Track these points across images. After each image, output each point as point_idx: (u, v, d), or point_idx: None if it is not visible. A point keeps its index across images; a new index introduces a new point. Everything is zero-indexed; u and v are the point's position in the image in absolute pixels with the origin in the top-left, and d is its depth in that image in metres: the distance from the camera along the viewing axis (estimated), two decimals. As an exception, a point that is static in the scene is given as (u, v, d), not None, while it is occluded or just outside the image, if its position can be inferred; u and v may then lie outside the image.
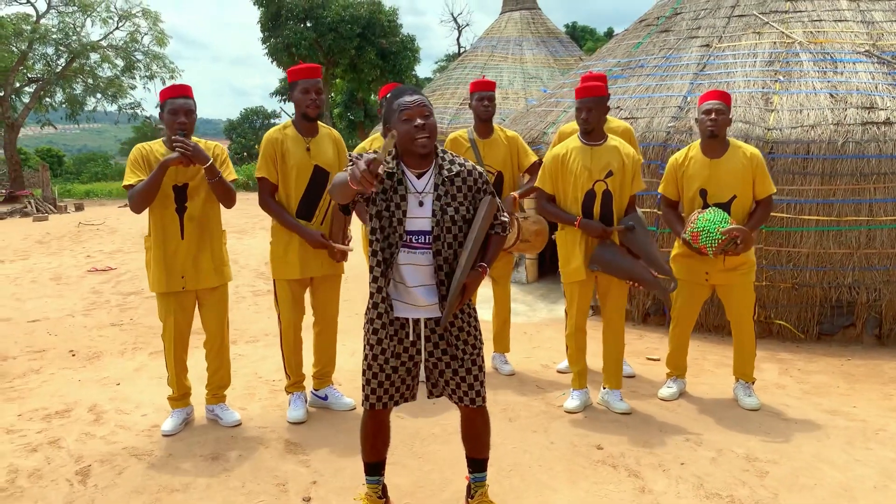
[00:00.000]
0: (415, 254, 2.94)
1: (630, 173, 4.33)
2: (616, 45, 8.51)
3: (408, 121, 2.85)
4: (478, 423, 3.18)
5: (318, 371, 4.68)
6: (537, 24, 17.45)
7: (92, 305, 7.99)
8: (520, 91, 15.45)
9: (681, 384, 4.94)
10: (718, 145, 4.50)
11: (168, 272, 4.16)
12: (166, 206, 4.11)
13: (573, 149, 4.38)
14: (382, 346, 3.01)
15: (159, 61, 25.92)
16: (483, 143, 5.16)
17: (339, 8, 23.83)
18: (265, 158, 4.31)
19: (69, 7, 24.35)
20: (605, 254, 4.28)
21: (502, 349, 5.56)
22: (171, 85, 4.10)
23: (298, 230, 4.27)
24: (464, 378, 3.05)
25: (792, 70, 6.70)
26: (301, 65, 4.32)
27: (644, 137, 6.66)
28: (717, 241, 4.27)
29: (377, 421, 3.15)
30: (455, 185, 2.96)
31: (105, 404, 4.91)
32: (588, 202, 4.32)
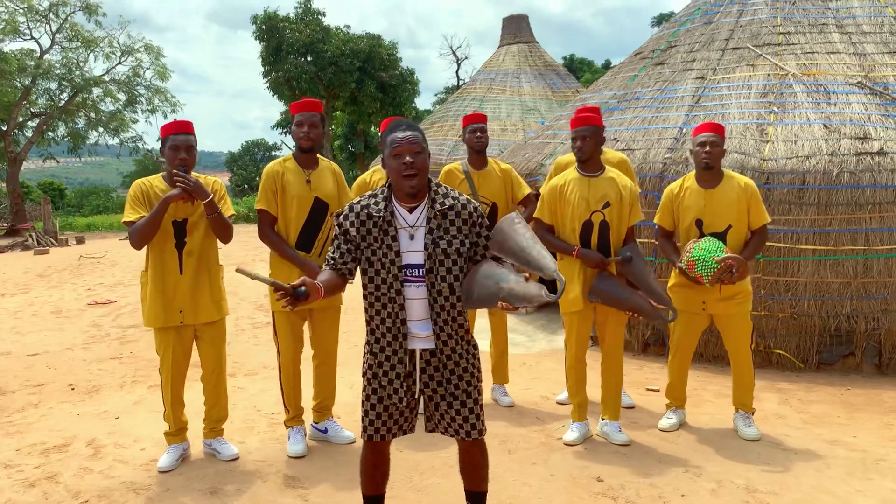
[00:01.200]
0: (409, 287, 2.95)
1: (627, 205, 4.36)
2: (612, 78, 8.62)
3: (397, 157, 2.88)
4: (475, 456, 3.16)
5: (317, 404, 4.67)
6: (535, 56, 17.69)
7: (92, 339, 8.00)
8: (518, 123, 15.62)
9: (681, 415, 4.92)
10: (713, 176, 4.54)
11: (166, 307, 4.16)
12: (165, 241, 4.13)
13: (571, 180, 4.42)
14: (380, 378, 3.02)
15: (161, 95, 26.20)
16: (477, 174, 5.22)
17: (340, 42, 24.15)
18: (265, 190, 4.34)
19: (72, 43, 24.69)
20: (604, 285, 4.29)
21: (501, 380, 5.55)
22: (173, 121, 4.16)
23: (298, 262, 4.29)
24: (458, 411, 3.04)
25: (786, 101, 6.78)
26: (302, 99, 4.41)
27: (640, 168, 6.71)
28: (712, 269, 4.29)
29: (377, 453, 3.15)
30: (448, 218, 2.97)
31: (104, 438, 4.89)
32: (585, 233, 4.35)
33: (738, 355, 4.66)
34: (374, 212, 2.95)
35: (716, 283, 4.37)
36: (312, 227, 4.36)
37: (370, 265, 2.96)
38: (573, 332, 4.53)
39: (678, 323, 4.69)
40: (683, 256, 4.43)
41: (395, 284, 2.93)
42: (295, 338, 4.46)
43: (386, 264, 2.92)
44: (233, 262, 13.09)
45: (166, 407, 4.32)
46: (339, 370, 4.80)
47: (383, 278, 2.94)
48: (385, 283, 2.94)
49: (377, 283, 2.96)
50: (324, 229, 4.41)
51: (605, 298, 4.29)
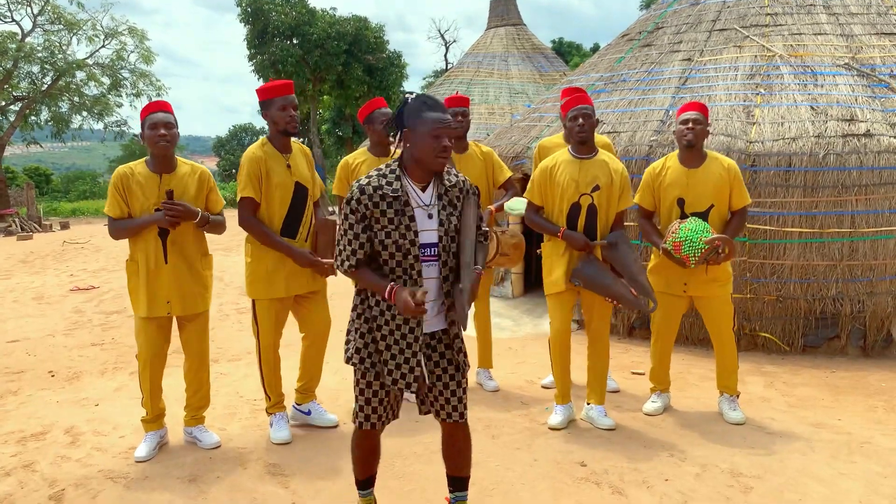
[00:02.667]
0: (425, 265, 2.89)
1: (618, 189, 4.31)
2: (599, 60, 8.54)
3: (438, 138, 2.80)
4: (459, 440, 3.13)
5: (302, 385, 4.62)
6: (523, 39, 17.55)
7: (73, 325, 7.90)
8: (506, 106, 15.51)
9: (665, 398, 4.91)
10: (696, 156, 4.51)
11: (152, 297, 4.10)
12: (148, 231, 4.09)
13: (562, 161, 4.36)
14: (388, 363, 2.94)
15: (146, 79, 25.84)
16: (458, 158, 5.16)
17: (326, 25, 23.86)
18: (250, 177, 4.21)
19: (55, 25, 24.29)
20: (587, 269, 4.25)
21: (486, 364, 5.53)
22: (151, 102, 4.08)
23: (286, 250, 4.22)
24: (454, 392, 3.02)
25: (773, 83, 6.73)
26: (273, 81, 4.26)
27: (627, 151, 6.66)
28: (700, 249, 4.25)
29: (372, 440, 3.13)
30: (454, 194, 2.96)
31: (82, 426, 4.82)
32: (572, 215, 4.31)
33: (720, 337, 4.63)
34: (390, 192, 2.84)
35: (702, 263, 4.33)
36: (296, 213, 4.30)
37: (384, 248, 2.86)
38: (555, 314, 4.48)
39: (659, 306, 4.61)
40: (668, 237, 4.38)
41: (416, 266, 2.85)
42: (277, 325, 4.40)
43: (404, 246, 2.84)
44: (215, 248, 13.00)
45: (144, 393, 4.26)
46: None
47: (399, 261, 2.86)
48: (401, 266, 2.86)
49: (391, 266, 2.87)
50: (306, 214, 4.35)
51: (586, 282, 4.25)
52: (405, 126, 2.84)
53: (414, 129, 2.81)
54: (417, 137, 2.80)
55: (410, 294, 2.71)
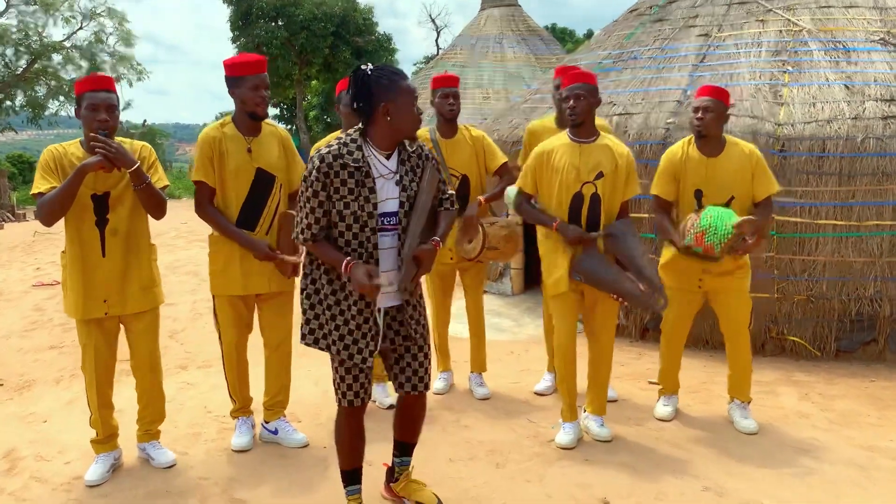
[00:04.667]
0: (385, 236, 2.87)
1: (623, 176, 3.91)
2: (606, 37, 7.89)
3: (416, 106, 2.85)
4: (417, 410, 3.18)
5: (268, 401, 4.17)
6: (518, 21, 16.87)
7: (32, 325, 7.21)
8: (501, 90, 14.86)
9: (675, 401, 4.55)
10: (713, 143, 4.13)
11: (87, 295, 3.58)
12: (84, 218, 3.54)
13: (560, 146, 3.95)
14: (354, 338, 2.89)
15: (126, 62, 24.99)
16: (446, 143, 4.68)
17: (312, 6, 23.03)
18: (202, 159, 3.82)
19: (30, 6, 23.36)
20: (589, 263, 3.84)
21: (478, 368, 5.02)
22: (90, 76, 3.58)
23: (242, 240, 3.81)
24: (420, 364, 3.06)
25: (801, 60, 6.11)
26: (244, 56, 3.86)
27: (640, 135, 6.03)
28: (726, 237, 3.80)
29: (358, 419, 3.05)
30: (413, 161, 2.95)
31: (24, 448, 4.21)
32: (574, 207, 3.89)
33: (735, 337, 4.26)
34: (351, 161, 2.80)
35: (728, 253, 3.91)
36: (255, 202, 3.86)
37: (341, 219, 2.82)
38: (558, 318, 4.04)
39: (671, 303, 4.14)
40: (689, 232, 3.94)
41: (371, 238, 2.82)
42: (239, 324, 4.02)
43: (361, 217, 2.80)
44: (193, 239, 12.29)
45: (92, 410, 3.77)
46: (302, 363, 4.20)
47: (355, 233, 2.82)
48: (357, 239, 2.82)
49: (347, 239, 2.83)
50: (269, 205, 3.89)
51: (588, 278, 3.84)
52: (382, 100, 2.78)
53: (395, 102, 2.78)
54: (400, 109, 2.80)
55: (367, 273, 2.71)
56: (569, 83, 3.92)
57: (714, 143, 4.11)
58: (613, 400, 4.72)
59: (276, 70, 23.06)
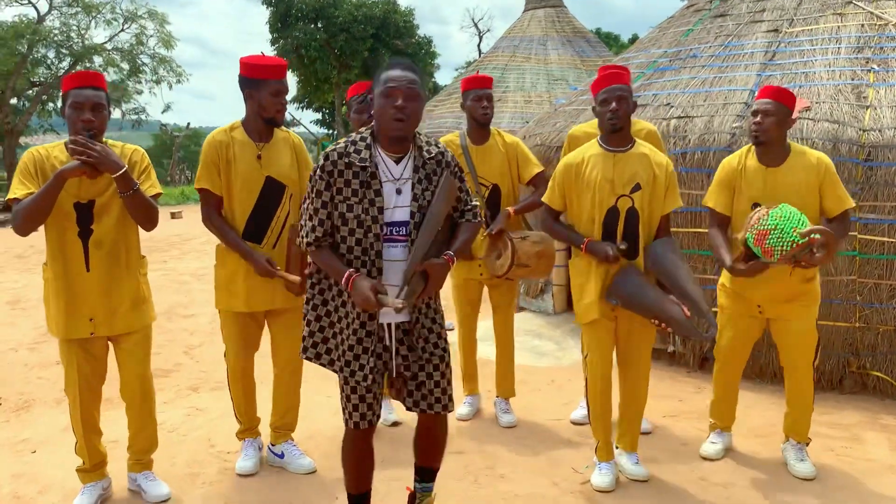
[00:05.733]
0: (394, 248, 2.69)
1: (662, 187, 3.56)
2: (660, 34, 7.25)
3: (390, 98, 2.59)
4: (437, 432, 2.97)
5: (274, 422, 3.96)
6: (563, 22, 16.23)
7: (42, 336, 6.81)
8: (544, 94, 14.26)
9: (727, 439, 4.12)
10: (775, 152, 3.70)
11: (71, 313, 3.29)
12: (66, 228, 3.25)
13: (591, 156, 3.59)
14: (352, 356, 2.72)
15: (166, 65, 24.95)
16: (476, 150, 4.36)
17: (352, 7, 22.71)
18: (207, 165, 3.62)
19: (72, 7, 23.44)
20: (626, 285, 3.46)
21: (505, 393, 4.63)
22: (77, 72, 3.35)
23: (243, 253, 3.59)
24: (437, 383, 2.83)
25: (889, 57, 5.41)
26: (266, 57, 3.61)
27: (703, 140, 5.39)
28: (791, 243, 3.34)
29: (364, 441, 2.88)
30: (431, 167, 2.75)
31: (4, 485, 3.77)
32: (609, 223, 3.54)
33: (796, 372, 3.82)
34: (357, 161, 2.64)
35: (788, 262, 3.45)
36: (264, 213, 3.64)
37: (344, 223, 2.66)
38: (591, 348, 3.68)
39: (727, 328, 3.90)
40: (751, 225, 3.49)
41: (375, 245, 2.65)
42: (245, 341, 3.80)
43: (366, 222, 2.64)
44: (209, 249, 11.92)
45: (77, 436, 3.48)
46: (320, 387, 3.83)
47: (358, 239, 2.65)
48: (360, 246, 2.65)
49: (350, 245, 2.67)
50: (278, 216, 3.67)
51: (626, 302, 3.47)
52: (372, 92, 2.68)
53: (374, 93, 2.65)
54: (375, 101, 2.64)
55: (372, 288, 2.53)
56: (607, 83, 3.54)
57: (775, 151, 3.69)
58: (647, 432, 4.31)
59: (314, 73, 22.85)
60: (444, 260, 2.69)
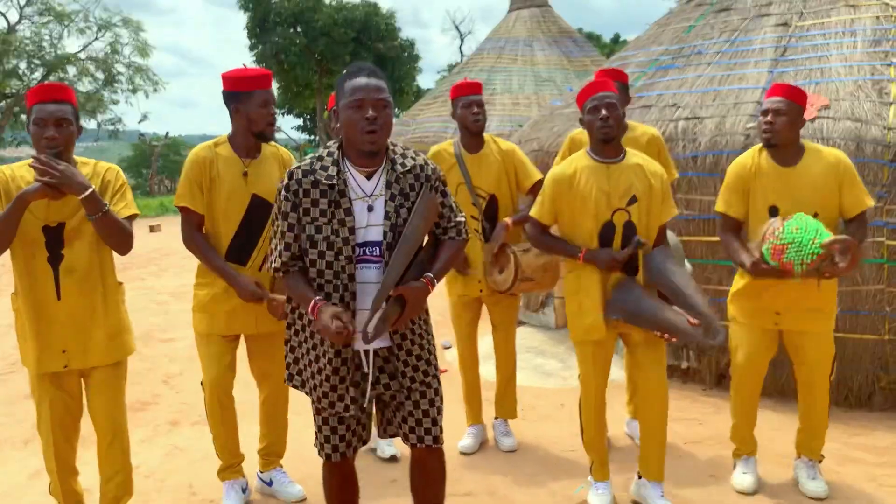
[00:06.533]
0: (368, 269, 2.52)
1: (658, 197, 3.42)
2: (660, 31, 6.92)
3: (359, 108, 2.43)
4: (431, 468, 2.77)
5: (262, 448, 3.81)
6: (548, 22, 15.95)
7: (12, 366, 6.36)
8: (532, 95, 13.95)
9: (753, 465, 3.83)
10: (789, 151, 3.54)
11: (42, 346, 3.04)
12: (34, 254, 3.02)
13: (583, 167, 3.43)
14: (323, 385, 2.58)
15: (142, 73, 24.41)
16: (472, 158, 4.16)
17: (332, 11, 22.33)
18: (188, 183, 3.44)
19: (43, 17, 22.86)
20: (627, 298, 3.32)
21: (505, 413, 4.41)
22: (40, 84, 3.11)
23: (227, 277, 3.41)
24: (411, 413, 2.66)
25: (909, 50, 5.10)
26: (249, 69, 3.46)
27: (714, 143, 5.06)
28: (811, 256, 3.18)
29: (339, 473, 2.77)
30: (408, 181, 2.57)
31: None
32: (605, 237, 3.39)
33: (812, 388, 3.64)
34: (323, 178, 2.49)
35: (811, 275, 3.28)
36: (249, 233, 3.47)
37: (313, 245, 2.51)
38: (589, 368, 3.50)
39: (742, 343, 3.69)
40: (766, 240, 3.34)
41: (347, 268, 2.49)
42: (222, 366, 3.54)
43: (336, 244, 2.48)
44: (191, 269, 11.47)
45: (51, 476, 3.24)
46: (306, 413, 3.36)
47: (329, 262, 2.50)
48: (331, 269, 2.50)
49: (320, 269, 2.52)
50: (265, 237, 3.50)
51: (627, 315, 3.32)
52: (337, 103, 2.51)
53: (339, 105, 2.49)
54: (342, 113, 2.46)
55: (334, 317, 2.37)
56: (595, 91, 3.38)
57: (790, 150, 3.53)
58: None
59: (295, 79, 22.44)
60: (423, 283, 2.53)
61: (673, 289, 3.31)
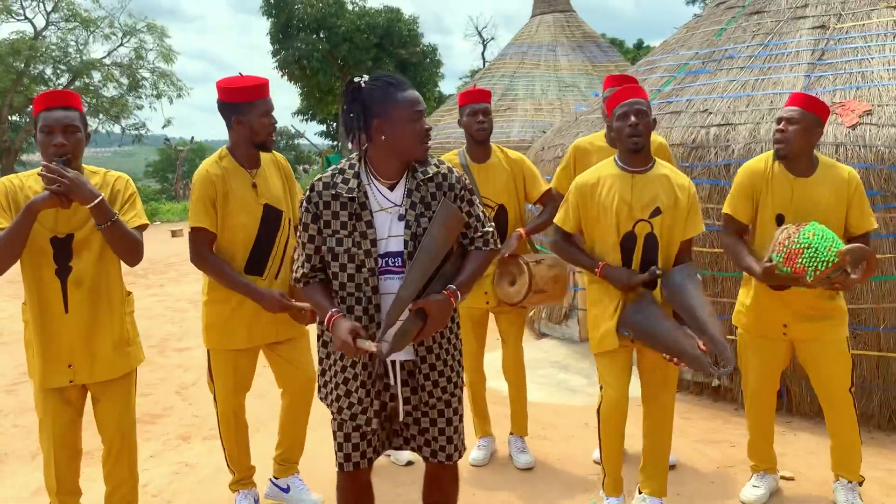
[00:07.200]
0: (392, 280, 2.48)
1: (685, 212, 3.31)
2: (689, 34, 6.70)
3: (418, 121, 2.44)
4: (446, 484, 2.77)
5: (280, 454, 3.77)
6: (572, 27, 15.73)
7: (23, 376, 6.26)
8: (555, 101, 13.74)
9: (770, 482, 3.76)
10: (803, 162, 3.45)
11: (48, 359, 2.98)
12: (42, 265, 2.96)
13: (608, 176, 3.35)
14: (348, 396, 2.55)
15: (166, 79, 24.59)
16: (478, 168, 4.11)
17: (354, 17, 22.31)
18: (203, 203, 3.35)
19: (69, 23, 23.10)
20: (638, 315, 3.24)
21: (519, 430, 4.30)
22: (46, 91, 3.03)
23: (249, 292, 3.34)
24: (442, 430, 2.63)
25: (956, 54, 4.83)
26: (247, 78, 3.39)
27: (749, 150, 4.83)
28: (825, 263, 3.12)
29: (356, 484, 2.71)
30: (429, 190, 2.54)
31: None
32: (626, 248, 3.31)
33: (833, 401, 3.50)
34: (344, 192, 2.48)
35: (821, 284, 3.20)
36: (264, 243, 3.44)
37: (334, 258, 2.49)
38: (608, 378, 3.40)
39: (752, 357, 3.62)
40: (781, 245, 3.25)
41: (370, 280, 2.46)
42: (238, 382, 3.53)
43: (358, 256, 2.46)
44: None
45: (50, 493, 3.16)
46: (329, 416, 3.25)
47: (351, 274, 2.48)
48: (354, 281, 2.47)
49: (342, 281, 2.49)
50: (278, 244, 3.47)
51: (637, 332, 3.25)
52: (375, 116, 2.42)
53: (388, 118, 2.41)
54: (395, 126, 2.41)
55: (351, 332, 2.32)
56: (627, 96, 3.28)
57: (802, 161, 3.45)
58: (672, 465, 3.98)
59: (317, 84, 22.40)
60: (445, 295, 2.45)
61: (687, 310, 3.20)
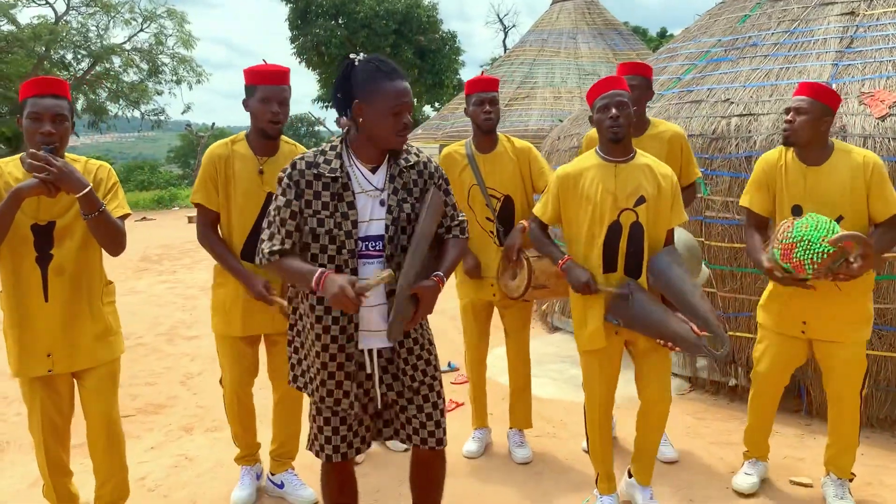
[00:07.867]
0: (370, 264, 2.51)
1: (668, 200, 3.29)
2: (711, 21, 6.48)
3: (398, 115, 2.44)
4: (433, 469, 2.83)
5: (275, 450, 3.79)
6: (594, 14, 15.47)
7: (31, 362, 6.25)
8: (574, 89, 13.52)
9: (761, 469, 3.81)
10: (815, 150, 3.40)
11: (26, 349, 2.97)
12: (22, 253, 2.95)
13: (590, 167, 3.34)
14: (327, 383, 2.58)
15: (186, 65, 24.62)
16: (484, 158, 4.03)
17: (374, 2, 22.15)
18: (202, 180, 3.46)
19: (90, 7, 23.15)
20: (627, 303, 3.19)
21: (520, 423, 4.25)
22: (36, 77, 3.00)
23: (239, 274, 3.41)
24: (429, 415, 2.68)
25: None
26: (264, 66, 3.41)
27: (772, 142, 4.65)
28: (821, 254, 3.05)
29: (339, 474, 2.75)
30: (411, 176, 2.59)
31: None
32: (611, 239, 3.26)
33: (841, 401, 3.50)
34: (326, 172, 2.49)
35: (824, 276, 3.14)
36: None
37: (314, 239, 2.49)
38: (594, 377, 3.40)
39: (767, 349, 3.60)
40: (777, 241, 3.23)
41: (350, 262, 2.47)
42: (241, 364, 3.60)
43: (338, 237, 2.46)
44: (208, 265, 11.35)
45: (44, 478, 3.19)
46: None
47: (331, 255, 2.48)
48: (333, 263, 2.48)
49: (322, 263, 2.49)
50: None
51: (627, 320, 3.20)
52: (355, 96, 2.43)
53: (369, 103, 2.42)
54: (374, 113, 2.43)
55: (349, 282, 2.28)
56: (606, 88, 3.24)
57: (814, 149, 3.40)
58: (673, 461, 4.08)
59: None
60: (434, 281, 2.52)
61: (677, 294, 3.14)
